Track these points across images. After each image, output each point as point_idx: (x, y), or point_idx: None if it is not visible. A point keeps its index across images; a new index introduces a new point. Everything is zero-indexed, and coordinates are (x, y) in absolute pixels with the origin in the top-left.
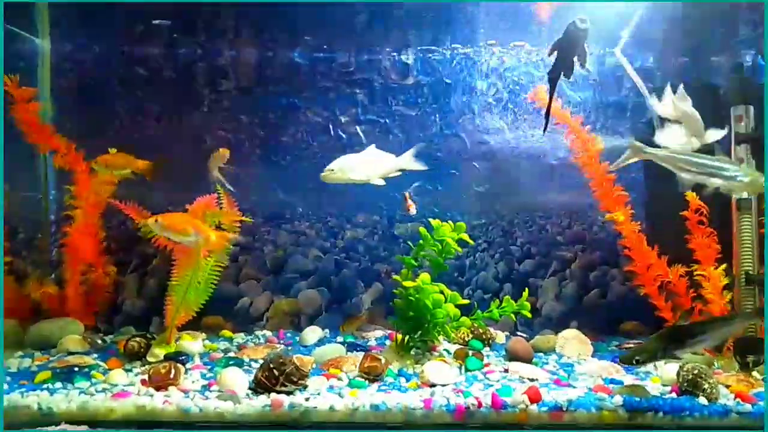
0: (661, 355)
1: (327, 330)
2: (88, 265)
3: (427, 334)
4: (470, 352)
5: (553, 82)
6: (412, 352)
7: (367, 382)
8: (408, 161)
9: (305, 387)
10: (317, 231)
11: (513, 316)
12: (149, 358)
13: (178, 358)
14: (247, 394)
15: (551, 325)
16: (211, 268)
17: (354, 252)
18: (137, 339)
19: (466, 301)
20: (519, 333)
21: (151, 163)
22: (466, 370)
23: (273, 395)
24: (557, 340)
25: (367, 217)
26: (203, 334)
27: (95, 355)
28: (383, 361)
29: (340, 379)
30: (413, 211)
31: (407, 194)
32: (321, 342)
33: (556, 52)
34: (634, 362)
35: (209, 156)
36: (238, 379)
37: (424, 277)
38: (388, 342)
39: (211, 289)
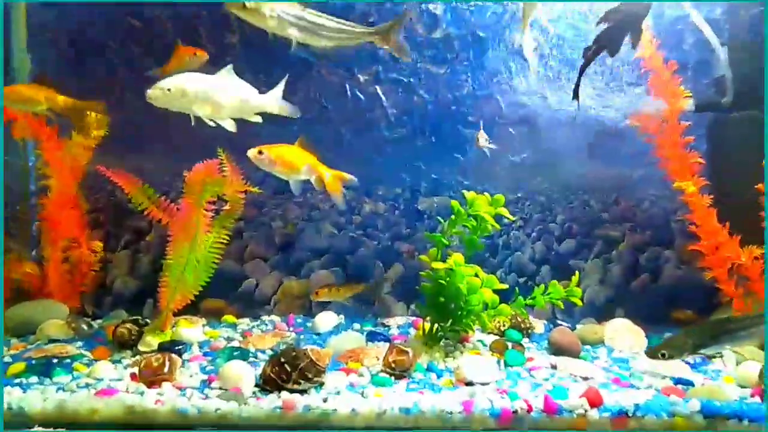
0: (691, 351)
1: (342, 316)
2: (70, 241)
3: (459, 323)
4: (510, 345)
5: (592, 57)
6: (441, 343)
7: (392, 378)
8: (273, 101)
9: (322, 385)
10: (331, 204)
11: (560, 303)
12: (141, 348)
13: (174, 347)
14: (254, 393)
15: (594, 314)
16: (211, 244)
17: (372, 229)
18: (128, 325)
19: (504, 286)
20: (560, 322)
21: (79, 102)
22: (506, 365)
23: (284, 394)
24: (605, 330)
25: (387, 190)
26: (203, 319)
27: (80, 343)
28: (411, 354)
29: (361, 375)
30: (484, 143)
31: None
32: (336, 330)
33: (606, 24)
34: (659, 356)
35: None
36: (243, 375)
37: (457, 257)
38: (412, 331)
39: (211, 268)
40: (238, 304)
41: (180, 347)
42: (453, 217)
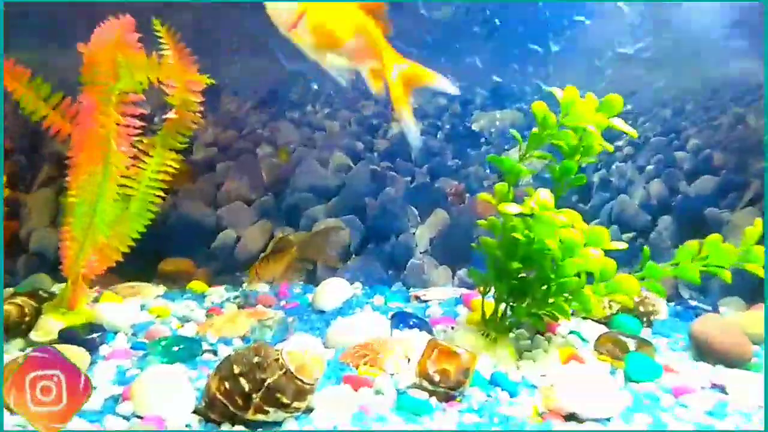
0: None
1: (359, 284)
2: None
3: (543, 302)
4: (631, 344)
5: None
6: (512, 335)
7: (432, 399)
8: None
9: (307, 412)
10: (343, 122)
11: (727, 275)
12: (35, 335)
13: (84, 336)
14: (188, 427)
15: (743, 291)
16: (153, 172)
17: (403, 158)
18: (19, 299)
19: (621, 245)
20: (701, 306)
21: None
22: (628, 379)
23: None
24: None
25: (425, 100)
26: (160, 287)
27: None
28: (464, 357)
29: (378, 392)
30: None
31: None
32: (348, 306)
33: None
34: None
35: None
36: (170, 392)
37: (542, 197)
38: (462, 312)
39: (149, 211)
40: (211, 266)
41: (97, 335)
42: (535, 130)
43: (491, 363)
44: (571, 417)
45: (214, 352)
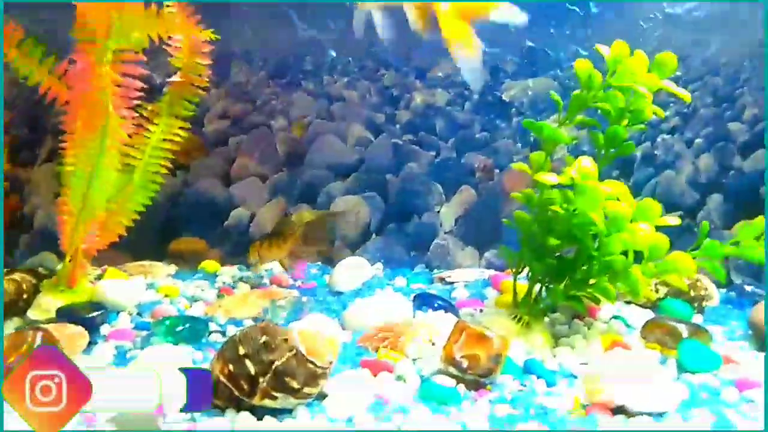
0: None
1: (379, 265)
2: None
3: (584, 283)
4: (684, 331)
5: None
6: (547, 320)
7: (460, 386)
8: None
9: (319, 399)
10: (363, 91)
11: None
12: (32, 314)
13: (86, 315)
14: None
15: None
16: (157, 141)
17: (427, 131)
18: (17, 275)
19: (674, 220)
20: (751, 289)
21: None
22: (681, 369)
23: (242, 418)
24: None
25: (449, 69)
26: (171, 266)
27: None
28: (495, 340)
29: (400, 378)
30: None
31: None
32: (368, 287)
33: None
34: None
35: None
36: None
37: (584, 166)
38: (490, 294)
39: (153, 182)
40: (224, 245)
41: (98, 314)
42: (578, 92)
43: (524, 349)
44: (619, 410)
45: (223, 333)
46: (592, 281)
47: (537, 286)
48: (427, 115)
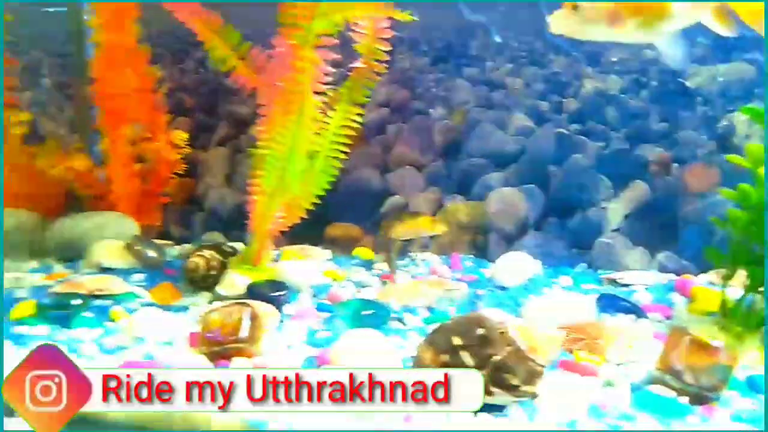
0: None
1: (540, 261)
2: (142, 130)
3: None
4: None
5: None
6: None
7: (683, 397)
8: None
9: (532, 398)
10: (527, 80)
11: None
12: (220, 289)
13: (271, 293)
14: None
15: None
16: (337, 127)
17: (595, 120)
18: (206, 253)
19: None
20: None
21: None
22: None
23: None
24: None
25: (624, 51)
26: (327, 251)
27: (143, 276)
28: (725, 352)
29: (609, 383)
30: None
31: None
32: (534, 284)
33: None
34: None
35: None
36: (376, 361)
37: None
38: (677, 300)
39: (333, 167)
40: (377, 232)
41: (281, 293)
42: None
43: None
44: None
45: (400, 320)
46: None
47: (753, 294)
48: (598, 103)
